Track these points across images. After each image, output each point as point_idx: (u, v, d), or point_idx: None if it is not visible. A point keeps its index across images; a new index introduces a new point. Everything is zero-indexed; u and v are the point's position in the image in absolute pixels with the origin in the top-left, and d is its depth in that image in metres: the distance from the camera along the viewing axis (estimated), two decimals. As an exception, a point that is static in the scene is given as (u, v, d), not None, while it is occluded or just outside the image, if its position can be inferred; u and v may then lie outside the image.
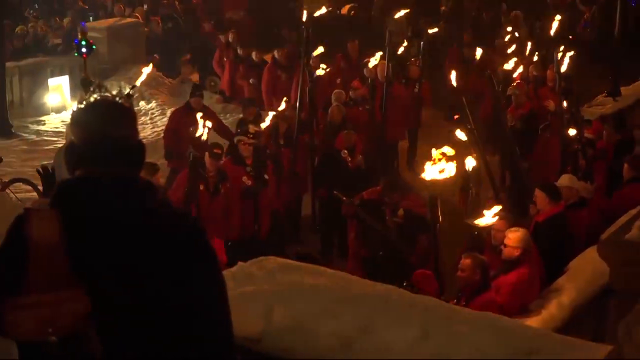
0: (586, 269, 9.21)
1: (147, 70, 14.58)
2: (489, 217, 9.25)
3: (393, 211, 10.60)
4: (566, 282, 9.13)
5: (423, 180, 8.90)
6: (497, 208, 9.37)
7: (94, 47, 4.86)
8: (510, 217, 9.78)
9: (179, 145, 13.71)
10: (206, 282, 3.36)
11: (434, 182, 8.16)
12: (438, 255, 8.58)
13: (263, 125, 12.84)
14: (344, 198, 10.94)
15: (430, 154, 8.84)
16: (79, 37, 5.15)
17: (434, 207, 8.44)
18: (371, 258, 10.60)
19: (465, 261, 8.58)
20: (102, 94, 3.45)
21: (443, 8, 22.69)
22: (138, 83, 15.69)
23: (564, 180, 10.94)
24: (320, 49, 15.53)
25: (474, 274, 8.50)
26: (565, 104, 13.45)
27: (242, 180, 11.65)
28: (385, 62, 15.16)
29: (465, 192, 11.48)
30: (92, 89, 3.49)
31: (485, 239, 9.77)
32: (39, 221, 3.23)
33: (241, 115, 14.96)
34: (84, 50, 4.68)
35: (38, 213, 3.30)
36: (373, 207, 10.76)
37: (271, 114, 13.23)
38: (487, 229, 9.58)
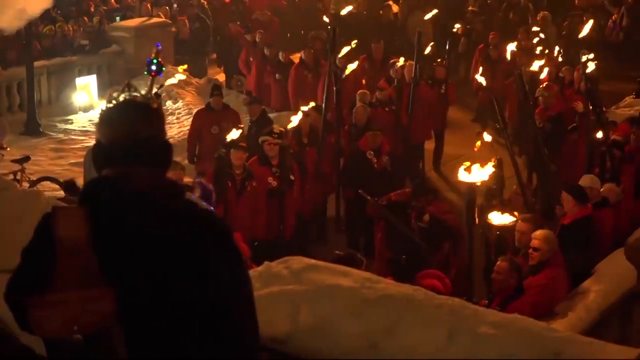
0: (613, 271, 9.16)
1: (179, 76, 14.67)
2: (502, 217, 9.21)
3: (419, 215, 10.59)
4: (593, 284, 9.08)
5: (457, 182, 8.85)
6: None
7: (163, 68, 4.96)
8: (535, 219, 9.74)
9: (203, 145, 13.77)
10: (232, 282, 3.36)
11: (469, 185, 8.11)
12: (472, 258, 8.54)
13: (290, 126, 12.84)
14: (369, 198, 10.93)
15: (458, 156, 8.81)
16: (152, 56, 5.31)
17: (471, 209, 8.38)
18: (395, 260, 10.60)
19: (502, 264, 8.57)
20: (130, 93, 3.46)
21: (471, 8, 22.58)
22: (167, 83, 15.77)
23: (585, 180, 10.89)
24: (345, 49, 15.50)
25: (510, 277, 8.49)
26: (590, 105, 13.37)
27: (267, 180, 11.66)
28: (413, 62, 15.15)
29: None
30: (122, 88, 3.51)
31: (508, 240, 9.74)
32: (67, 219, 3.25)
33: (270, 115, 14.97)
34: (153, 68, 4.78)
35: (66, 211, 3.31)
36: (399, 209, 10.75)
37: (298, 116, 13.18)
38: (509, 230, 9.54)
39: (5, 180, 5.37)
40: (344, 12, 20.36)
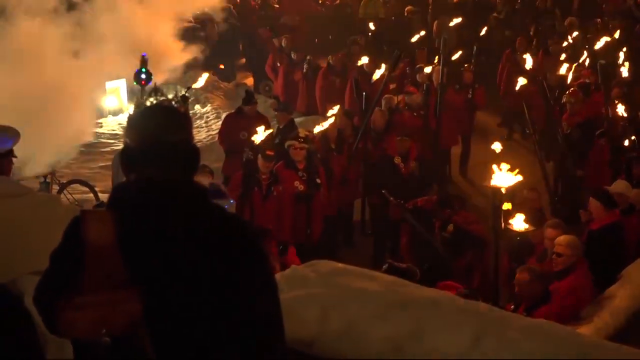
0: (639, 276, 9.10)
1: (205, 76, 14.70)
2: (523, 222, 9.17)
3: (443, 225, 10.56)
4: (619, 289, 9.03)
5: (484, 187, 8.83)
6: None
7: (152, 76, 4.98)
8: (563, 225, 9.69)
9: (232, 150, 13.77)
10: (258, 285, 3.38)
11: (495, 189, 8.09)
12: (498, 262, 8.52)
13: (316, 130, 12.84)
14: (392, 199, 10.92)
15: (485, 161, 8.79)
16: (140, 65, 5.27)
17: (497, 214, 8.35)
18: (419, 265, 10.59)
19: (522, 276, 8.52)
20: (159, 97, 3.48)
21: (494, 15, 22.50)
22: (195, 86, 15.81)
23: (618, 186, 10.83)
24: (364, 59, 15.53)
25: (533, 286, 8.44)
26: (623, 111, 13.28)
27: (294, 184, 11.67)
28: (440, 67, 15.13)
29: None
30: (150, 92, 3.53)
31: (532, 245, 9.69)
32: (95, 223, 3.27)
33: (297, 119, 14.98)
34: (143, 77, 4.76)
35: (94, 215, 3.33)
36: (424, 216, 10.73)
37: (328, 120, 13.19)
38: (532, 234, 9.50)
39: (24, 187, 5.39)
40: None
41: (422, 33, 17.99)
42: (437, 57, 15.81)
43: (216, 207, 3.50)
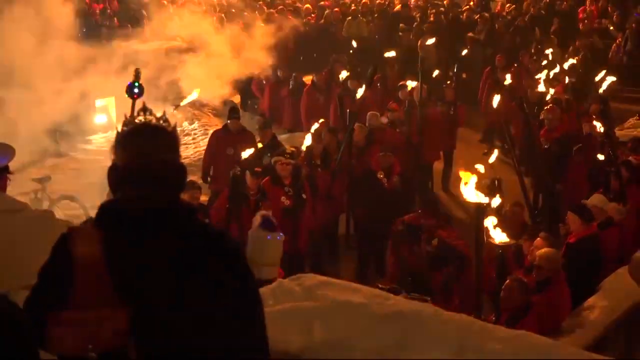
0: (617, 288, 9.15)
1: (191, 97, 14.71)
2: (503, 235, 9.18)
3: (428, 238, 10.58)
4: (598, 301, 9.07)
5: (465, 201, 8.84)
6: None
7: (144, 90, 5.02)
8: (551, 239, 9.72)
9: (217, 166, 13.77)
10: (244, 300, 3.38)
11: (478, 205, 8.12)
12: (480, 276, 8.52)
13: (303, 147, 12.87)
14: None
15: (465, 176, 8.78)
16: (133, 79, 5.29)
17: (480, 229, 8.37)
18: (403, 279, 10.59)
19: (510, 284, 8.54)
20: (147, 116, 3.47)
21: (470, 34, 22.63)
22: (182, 104, 15.83)
23: (595, 200, 10.88)
24: (344, 73, 15.60)
25: (518, 296, 8.47)
26: (601, 126, 13.34)
27: (281, 200, 11.67)
28: (419, 84, 15.22)
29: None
30: (137, 111, 3.52)
31: (509, 258, 9.70)
32: (83, 240, 3.26)
33: (282, 136, 15.00)
34: (135, 91, 4.78)
35: (81, 232, 3.32)
36: (414, 232, 10.76)
37: (307, 137, 13.24)
38: (510, 247, 9.52)
39: (20, 202, 5.37)
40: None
41: (393, 53, 18.02)
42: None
43: (202, 224, 3.50)
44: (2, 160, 4.89)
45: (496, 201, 9.51)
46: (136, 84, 3.64)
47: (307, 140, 13.00)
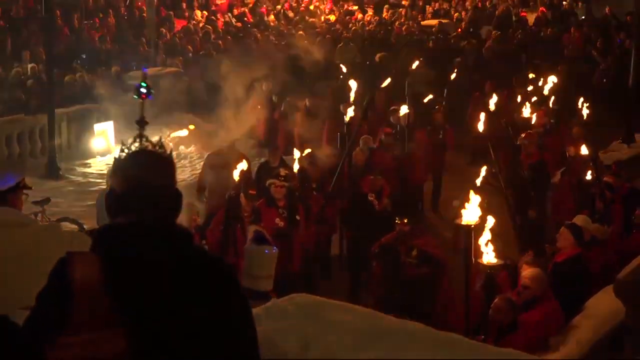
0: (603, 307, 9.14)
1: (182, 133, 14.78)
2: (491, 256, 9.19)
3: (408, 251, 10.56)
4: (584, 319, 9.06)
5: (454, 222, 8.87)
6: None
7: (152, 91, 5.10)
8: (537, 261, 9.72)
9: (213, 188, 13.76)
10: (238, 323, 3.39)
11: (466, 227, 8.17)
12: (469, 295, 8.53)
13: (295, 169, 12.89)
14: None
15: (455, 197, 8.82)
16: (140, 81, 5.42)
17: (469, 250, 8.39)
18: (389, 296, 10.59)
19: (500, 303, 8.52)
20: (142, 143, 3.48)
21: (458, 59, 22.73)
22: (173, 135, 15.88)
23: (579, 220, 10.89)
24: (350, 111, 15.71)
25: (507, 316, 8.46)
26: (585, 149, 13.39)
27: (275, 221, 11.67)
28: (407, 109, 15.30)
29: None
30: (134, 137, 3.52)
31: (499, 279, 9.69)
32: (81, 264, 3.24)
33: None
34: (143, 91, 4.88)
35: (80, 256, 3.31)
36: (392, 251, 10.76)
37: (295, 163, 13.29)
38: (499, 268, 9.51)
39: (27, 217, 5.41)
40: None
41: (389, 80, 18.09)
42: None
43: (198, 249, 3.52)
44: (10, 181, 4.94)
45: (490, 221, 9.50)
46: (143, 84, 3.66)
47: (297, 164, 13.04)
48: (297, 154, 13.61)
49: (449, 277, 10.49)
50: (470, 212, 8.34)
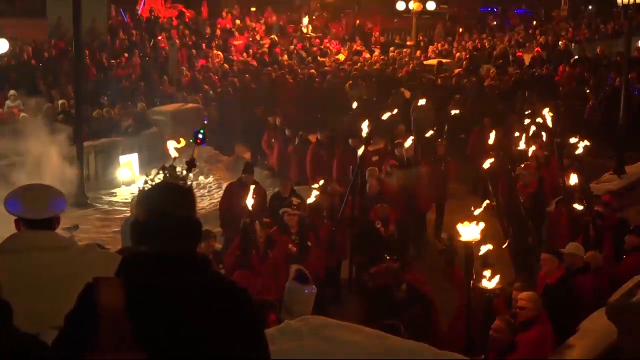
0: (596, 329, 9.11)
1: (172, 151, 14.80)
2: (491, 281, 9.18)
3: (396, 285, 10.51)
4: (577, 340, 9.03)
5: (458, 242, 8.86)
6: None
7: (207, 139, 5.30)
8: (527, 287, 9.72)
9: (232, 216, 13.79)
10: (254, 346, 3.41)
11: (466, 244, 8.19)
12: (470, 314, 8.51)
13: (308, 201, 12.94)
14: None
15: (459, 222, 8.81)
16: (198, 128, 5.67)
17: (469, 267, 8.39)
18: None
19: (500, 324, 8.49)
20: (165, 175, 3.51)
21: (457, 96, 22.81)
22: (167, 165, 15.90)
23: (570, 247, 10.92)
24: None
25: (507, 336, 8.43)
26: (577, 180, 13.38)
27: (288, 247, 11.71)
28: (412, 142, 15.37)
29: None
30: (157, 170, 3.55)
31: (498, 302, 9.67)
32: (107, 289, 3.27)
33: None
34: (200, 137, 5.03)
35: (105, 282, 3.33)
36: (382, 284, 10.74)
37: (314, 191, 13.30)
38: (497, 291, 9.50)
39: (67, 239, 5.42)
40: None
41: (395, 111, 18.14)
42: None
43: (217, 275, 3.55)
44: (62, 204, 4.99)
45: (485, 247, 9.51)
46: (201, 131, 3.73)
47: (312, 197, 13.06)
48: (315, 186, 13.66)
49: (438, 312, 10.50)
50: (471, 230, 8.37)
